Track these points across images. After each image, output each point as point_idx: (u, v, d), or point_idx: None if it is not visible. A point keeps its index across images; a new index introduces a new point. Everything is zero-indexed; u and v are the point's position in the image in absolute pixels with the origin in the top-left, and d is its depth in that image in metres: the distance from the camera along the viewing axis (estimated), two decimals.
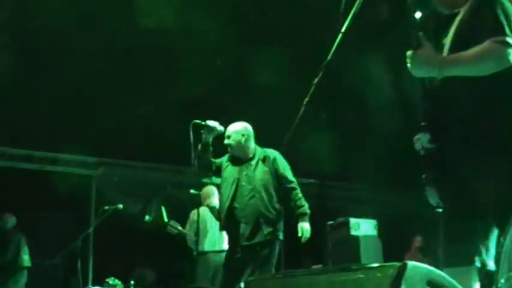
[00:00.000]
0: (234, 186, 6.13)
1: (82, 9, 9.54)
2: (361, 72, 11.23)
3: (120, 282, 10.20)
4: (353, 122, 12.08)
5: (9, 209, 10.15)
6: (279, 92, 10.82)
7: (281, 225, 6.16)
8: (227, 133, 6.28)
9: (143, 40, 10.26)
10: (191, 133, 5.95)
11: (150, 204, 11.86)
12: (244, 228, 6.03)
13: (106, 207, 8.99)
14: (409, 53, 3.18)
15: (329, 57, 3.39)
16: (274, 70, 10.41)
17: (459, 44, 3.16)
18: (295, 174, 6.44)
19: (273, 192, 6.12)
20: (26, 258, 9.86)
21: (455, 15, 3.29)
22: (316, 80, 3.38)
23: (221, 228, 6.43)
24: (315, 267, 10.36)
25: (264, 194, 6.07)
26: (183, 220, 9.23)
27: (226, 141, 6.26)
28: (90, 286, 10.71)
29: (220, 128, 6.19)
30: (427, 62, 3.13)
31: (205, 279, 8.76)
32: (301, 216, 6.18)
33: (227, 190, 6.17)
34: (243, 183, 6.13)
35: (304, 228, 6.14)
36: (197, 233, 8.25)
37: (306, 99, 3.40)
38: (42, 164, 11.49)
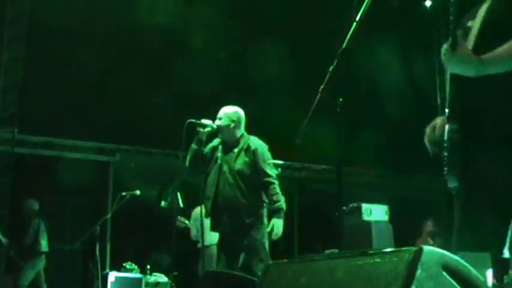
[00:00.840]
0: (217, 173, 6.08)
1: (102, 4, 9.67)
2: (373, 58, 11.32)
3: (136, 267, 10.38)
4: (365, 108, 12.16)
5: (30, 195, 10.29)
6: (282, 86, 10.94)
7: (264, 213, 6.06)
8: (218, 115, 6.19)
9: (159, 28, 10.37)
10: (184, 132, 5.88)
11: (166, 190, 12.01)
12: (226, 216, 6.00)
13: (123, 193, 9.05)
14: (445, 47, 3.17)
15: (344, 45, 3.44)
16: (277, 64, 10.51)
17: (489, 33, 3.20)
18: (309, 160, 6.36)
19: (251, 183, 6.03)
20: (43, 244, 9.94)
21: None
22: (331, 68, 3.43)
23: (206, 215, 6.21)
24: (327, 252, 10.52)
25: (242, 185, 5.98)
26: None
27: (216, 122, 6.15)
28: (107, 270, 10.87)
29: (214, 125, 6.11)
30: (465, 62, 3.12)
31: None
32: (276, 212, 6.00)
33: (213, 176, 6.12)
34: (224, 171, 6.07)
35: (276, 224, 5.96)
36: (201, 228, 8.78)
37: (322, 87, 3.44)
38: (61, 151, 11.60)
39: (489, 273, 3.16)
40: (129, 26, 10.28)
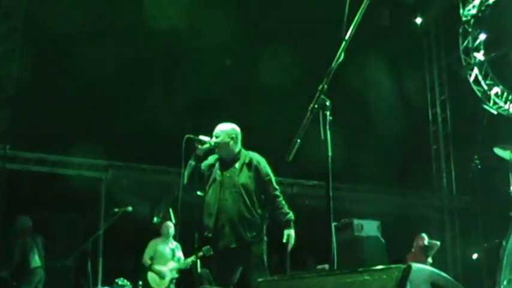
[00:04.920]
0: (218, 189, 6.04)
1: (94, 12, 9.63)
2: (365, 76, 11.37)
3: (129, 283, 10.34)
4: (357, 124, 12.19)
5: (22, 211, 10.23)
6: (287, 92, 10.91)
7: (264, 229, 6.08)
8: (215, 132, 6.13)
9: (151, 43, 10.36)
10: (183, 148, 5.78)
11: (158, 206, 12.00)
12: (229, 232, 5.95)
13: (116, 210, 9.03)
14: None
15: (333, 64, 3.47)
16: (282, 70, 10.49)
17: None
18: (301, 176, 6.32)
19: (255, 198, 6.03)
20: (33, 259, 9.84)
21: None
22: (320, 87, 3.46)
23: (209, 232, 6.11)
24: (319, 267, 10.50)
25: (246, 199, 5.97)
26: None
27: (213, 140, 6.08)
28: (99, 287, 10.83)
29: (212, 142, 6.04)
30: None
31: None
32: (287, 224, 6.04)
33: (213, 193, 6.07)
34: (226, 187, 6.04)
35: (291, 235, 5.99)
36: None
37: (311, 105, 3.45)
38: (53, 167, 11.57)
39: None
40: (124, 42, 10.28)
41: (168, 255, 10.28)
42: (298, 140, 3.51)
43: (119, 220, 9.07)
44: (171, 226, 10.44)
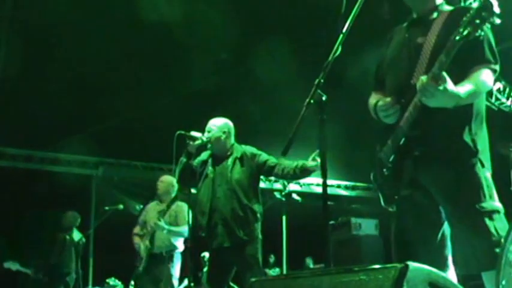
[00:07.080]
0: (211, 186, 6.01)
1: (84, 5, 9.45)
2: (363, 70, 11.19)
3: (120, 283, 10.21)
4: (355, 120, 12.06)
5: (9, 209, 10.14)
6: (284, 86, 10.78)
7: (259, 225, 6.00)
8: (207, 127, 6.11)
9: (144, 36, 10.18)
10: (174, 144, 5.72)
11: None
12: (222, 230, 5.90)
13: (106, 208, 9.00)
14: (426, 81, 3.13)
15: (330, 58, 3.34)
16: (279, 64, 10.36)
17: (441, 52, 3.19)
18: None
19: (250, 193, 5.98)
20: (68, 263, 9.62)
21: (432, 18, 3.47)
22: (317, 81, 3.33)
23: (202, 231, 6.10)
24: (316, 267, 10.39)
25: (241, 195, 5.92)
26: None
27: (206, 135, 6.05)
28: (90, 286, 10.74)
29: (204, 138, 6.00)
30: (452, 96, 3.12)
31: None
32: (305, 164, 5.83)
33: (206, 191, 6.03)
34: (219, 184, 6.00)
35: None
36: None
37: (307, 100, 3.31)
38: (42, 164, 11.50)
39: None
40: (115, 34, 10.08)
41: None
42: (292, 136, 3.38)
43: (109, 218, 9.00)
44: (164, 181, 8.34)
